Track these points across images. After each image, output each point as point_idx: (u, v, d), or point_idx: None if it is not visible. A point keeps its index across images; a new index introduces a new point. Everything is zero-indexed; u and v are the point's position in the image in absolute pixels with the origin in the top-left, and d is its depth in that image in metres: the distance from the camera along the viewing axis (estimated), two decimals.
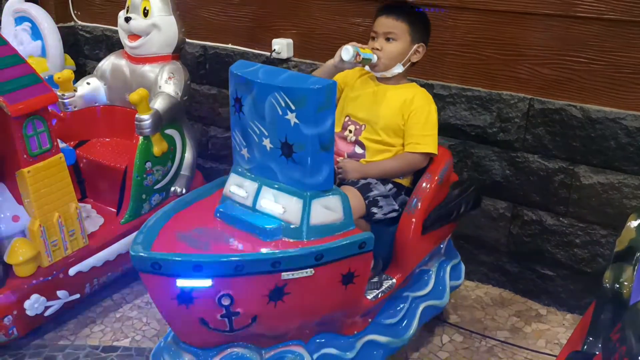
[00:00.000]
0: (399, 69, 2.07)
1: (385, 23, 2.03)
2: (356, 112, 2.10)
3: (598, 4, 2.18)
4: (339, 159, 2.06)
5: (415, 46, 2.06)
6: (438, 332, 2.41)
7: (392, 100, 2.06)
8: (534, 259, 2.57)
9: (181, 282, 1.58)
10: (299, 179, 1.68)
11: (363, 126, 2.09)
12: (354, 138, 2.09)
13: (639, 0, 2.11)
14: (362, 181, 2.01)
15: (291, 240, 1.68)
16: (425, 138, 2.03)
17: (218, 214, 1.79)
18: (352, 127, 2.10)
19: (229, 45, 3.15)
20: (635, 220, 1.63)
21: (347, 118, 2.12)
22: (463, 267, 2.39)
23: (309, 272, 1.66)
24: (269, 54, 2.97)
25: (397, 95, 2.07)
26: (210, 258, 1.59)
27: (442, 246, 2.27)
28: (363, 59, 1.99)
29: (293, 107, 1.59)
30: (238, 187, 1.79)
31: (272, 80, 1.63)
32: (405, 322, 2.10)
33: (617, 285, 1.52)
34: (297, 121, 1.60)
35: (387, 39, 2.03)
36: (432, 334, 2.40)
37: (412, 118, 2.03)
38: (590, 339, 1.56)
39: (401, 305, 2.10)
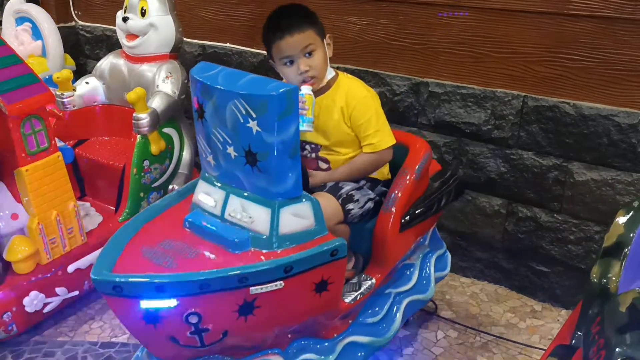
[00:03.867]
0: (330, 73, 1.97)
1: (295, 41, 1.86)
2: (303, 137, 1.96)
3: (590, 2, 2.19)
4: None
5: (326, 41, 1.94)
6: (433, 327, 2.43)
7: (329, 114, 1.96)
8: (528, 255, 2.58)
9: (145, 304, 1.54)
10: (266, 188, 1.61)
11: (318, 146, 2.01)
12: (313, 155, 2.03)
13: None
14: (330, 183, 1.96)
15: (262, 251, 1.62)
16: (377, 134, 1.94)
17: (187, 224, 1.72)
18: (308, 147, 2.03)
19: (227, 45, 3.18)
20: (624, 216, 1.65)
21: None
22: (449, 256, 2.35)
23: (279, 284, 1.59)
24: (266, 52, 2.99)
25: (331, 105, 1.96)
26: (173, 278, 1.53)
27: (425, 238, 2.22)
28: (313, 106, 1.87)
29: (254, 115, 1.51)
30: (206, 195, 1.73)
31: (231, 86, 1.54)
32: (387, 320, 2.04)
33: (605, 280, 1.53)
34: (258, 129, 1.52)
35: (307, 54, 1.88)
36: (427, 329, 2.42)
37: (355, 120, 1.94)
38: (578, 333, 1.58)
39: (383, 303, 2.05)
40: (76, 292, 2.40)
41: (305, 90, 1.86)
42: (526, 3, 2.31)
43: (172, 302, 1.54)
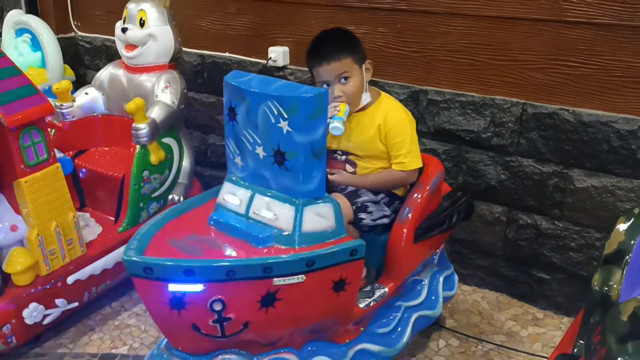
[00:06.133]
0: (367, 97, 2.05)
1: (332, 69, 1.96)
2: (337, 146, 2.09)
3: (588, 9, 2.19)
4: (333, 170, 2.09)
5: (364, 67, 2.03)
6: (434, 336, 2.42)
7: (366, 130, 2.04)
8: (530, 262, 2.57)
9: (173, 287, 1.60)
10: (291, 187, 1.70)
11: (349, 153, 2.09)
12: (344, 158, 2.11)
13: (628, 5, 2.12)
14: (351, 188, 2.03)
15: (283, 247, 1.70)
16: (408, 155, 2.03)
17: (211, 222, 1.81)
18: (339, 151, 2.11)
19: (227, 54, 3.18)
20: (625, 223, 1.64)
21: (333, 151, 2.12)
22: (456, 277, 2.40)
23: (300, 278, 1.67)
24: (265, 62, 3.00)
25: (369, 121, 2.04)
26: (201, 263, 1.61)
27: (435, 257, 2.27)
28: (347, 112, 1.97)
29: (285, 116, 1.62)
30: (231, 195, 1.82)
31: (265, 89, 1.66)
32: (397, 331, 2.09)
33: (606, 288, 1.53)
34: (289, 129, 1.63)
35: (343, 80, 1.98)
36: (429, 338, 2.40)
37: (390, 139, 2.02)
38: (580, 342, 1.57)
39: (394, 315, 2.10)
40: (76, 304, 2.39)
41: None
42: (524, 11, 2.31)
43: (199, 287, 1.60)
